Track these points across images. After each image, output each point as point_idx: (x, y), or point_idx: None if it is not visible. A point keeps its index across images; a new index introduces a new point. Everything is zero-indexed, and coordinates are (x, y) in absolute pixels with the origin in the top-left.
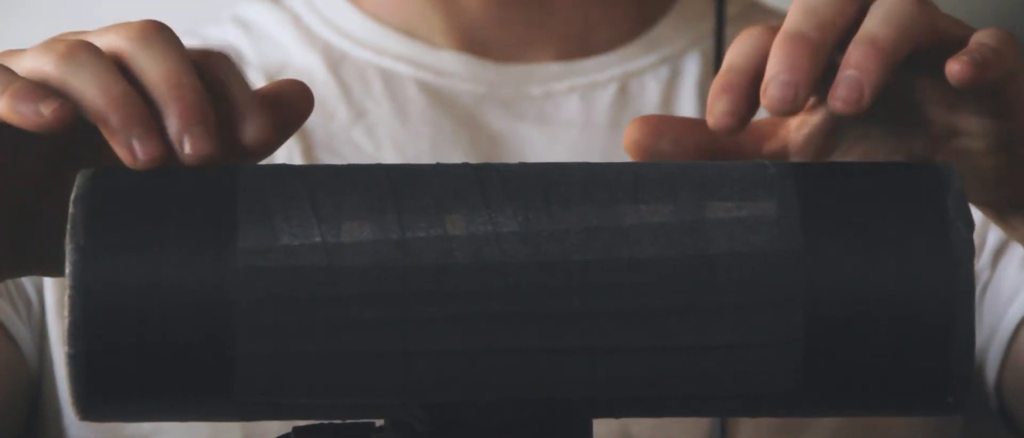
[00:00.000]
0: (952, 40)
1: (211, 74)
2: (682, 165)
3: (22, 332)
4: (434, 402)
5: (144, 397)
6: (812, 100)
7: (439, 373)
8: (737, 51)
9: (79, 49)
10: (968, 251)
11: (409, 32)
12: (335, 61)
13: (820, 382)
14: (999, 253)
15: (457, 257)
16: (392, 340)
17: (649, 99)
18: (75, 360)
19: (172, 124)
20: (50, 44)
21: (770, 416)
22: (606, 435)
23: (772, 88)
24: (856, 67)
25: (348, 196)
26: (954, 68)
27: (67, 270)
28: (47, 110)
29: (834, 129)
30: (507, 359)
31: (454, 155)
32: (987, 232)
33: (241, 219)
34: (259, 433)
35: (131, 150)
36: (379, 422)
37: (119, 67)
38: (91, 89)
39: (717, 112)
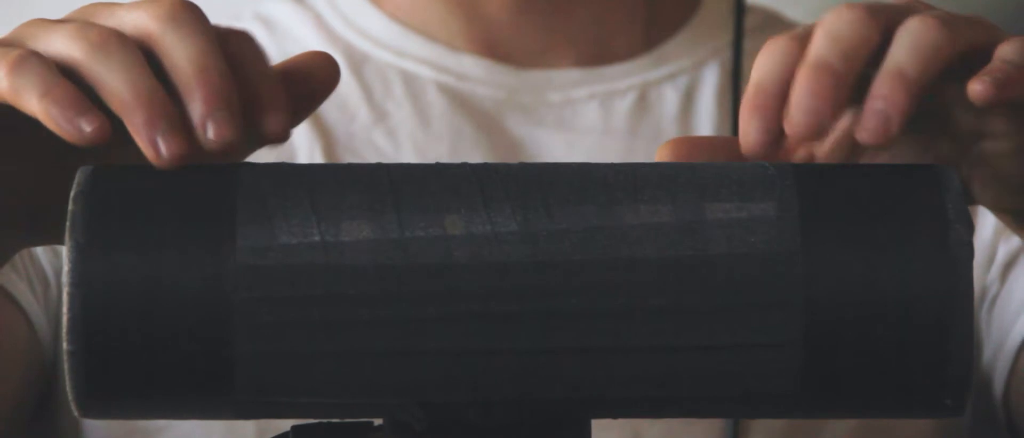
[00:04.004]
0: (979, 50)
1: (233, 56)
2: (681, 165)
3: (38, 315)
4: (433, 402)
5: (142, 395)
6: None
7: (438, 373)
8: (764, 68)
9: (110, 39)
10: (967, 252)
11: (429, 35)
12: (357, 62)
13: (819, 383)
14: (1009, 267)
15: (456, 257)
16: (391, 339)
17: (667, 109)
18: (74, 357)
19: (196, 109)
20: (83, 28)
21: (769, 417)
22: None
23: (796, 116)
24: (883, 100)
25: (348, 195)
26: (976, 89)
27: (66, 267)
28: (89, 127)
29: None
30: (506, 359)
31: (474, 159)
32: (998, 245)
33: (240, 217)
34: (273, 428)
35: (155, 147)
36: (378, 421)
37: (146, 49)
38: (118, 83)
39: (750, 137)
